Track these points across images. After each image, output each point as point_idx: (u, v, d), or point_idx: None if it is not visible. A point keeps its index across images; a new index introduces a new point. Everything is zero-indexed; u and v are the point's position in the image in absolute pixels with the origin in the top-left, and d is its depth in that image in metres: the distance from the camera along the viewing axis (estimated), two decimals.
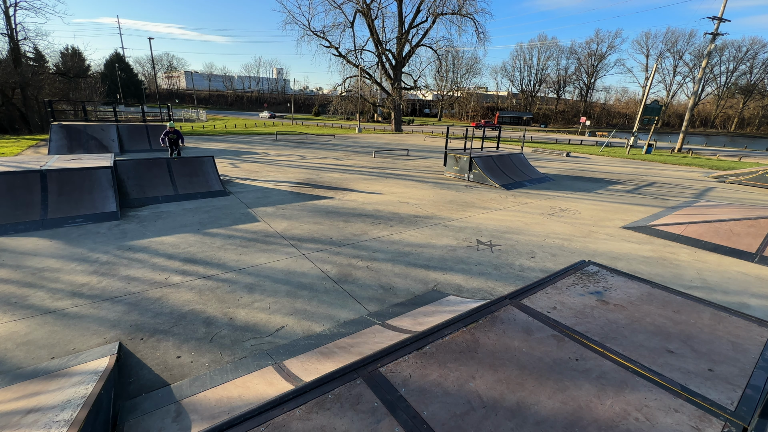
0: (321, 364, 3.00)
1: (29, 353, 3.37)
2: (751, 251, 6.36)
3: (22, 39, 28.70)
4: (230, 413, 2.46)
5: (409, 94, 61.11)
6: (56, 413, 2.16)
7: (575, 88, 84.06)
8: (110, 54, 67.92)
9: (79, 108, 24.82)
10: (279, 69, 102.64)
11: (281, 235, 6.59)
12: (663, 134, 61.40)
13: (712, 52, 28.78)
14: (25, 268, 4.99)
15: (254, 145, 21.09)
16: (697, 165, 20.94)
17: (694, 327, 2.33)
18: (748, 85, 71.07)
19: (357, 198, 9.60)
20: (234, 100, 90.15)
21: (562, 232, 7.45)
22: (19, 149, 16.68)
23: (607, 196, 11.22)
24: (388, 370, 1.88)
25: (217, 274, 5.05)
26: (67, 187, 7.29)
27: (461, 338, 2.16)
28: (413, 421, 1.56)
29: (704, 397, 1.70)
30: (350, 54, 40.70)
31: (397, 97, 40.48)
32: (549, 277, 3.04)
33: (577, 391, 1.74)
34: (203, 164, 9.85)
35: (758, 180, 14.39)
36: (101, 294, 4.41)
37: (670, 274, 5.62)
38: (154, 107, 42.50)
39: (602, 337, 2.20)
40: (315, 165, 14.81)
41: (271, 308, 4.26)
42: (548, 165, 17.76)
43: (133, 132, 17.13)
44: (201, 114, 46.88)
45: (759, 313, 4.47)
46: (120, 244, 5.93)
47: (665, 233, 7.47)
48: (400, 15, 38.59)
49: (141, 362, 3.32)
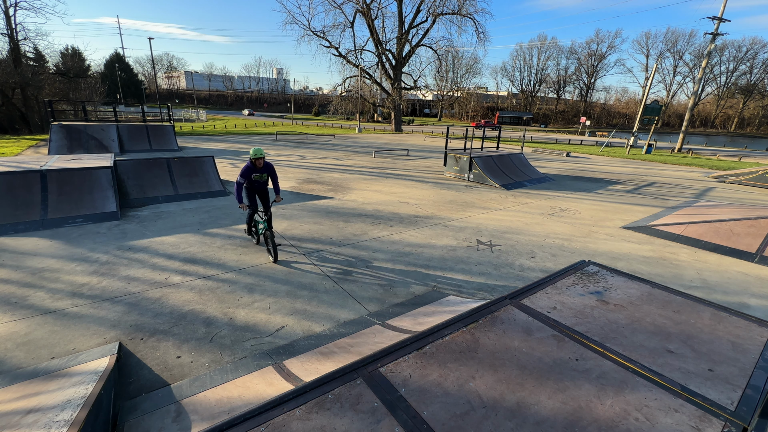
0: (321, 364, 2.99)
1: (29, 353, 3.37)
2: (751, 251, 6.36)
3: (22, 39, 28.71)
4: (230, 413, 2.46)
5: (409, 94, 61.08)
6: (56, 413, 2.16)
7: (575, 88, 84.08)
8: (110, 54, 67.95)
9: (79, 108, 24.82)
10: (279, 69, 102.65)
11: (281, 235, 6.59)
12: (663, 134, 61.39)
13: (712, 52, 28.78)
14: (25, 268, 4.99)
15: (254, 145, 21.09)
16: (697, 165, 20.94)
17: (694, 327, 2.33)
18: (748, 85, 71.05)
19: (357, 198, 9.60)
20: (234, 100, 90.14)
21: (562, 232, 7.44)
22: (19, 149, 16.68)
23: (607, 196, 11.22)
24: (388, 370, 1.88)
25: (217, 274, 5.05)
26: (67, 187, 7.29)
27: (461, 338, 2.16)
28: (413, 421, 1.56)
29: (704, 397, 1.70)
30: (350, 54, 40.72)
31: (397, 97, 40.47)
32: (549, 277, 3.04)
33: (577, 391, 1.74)
34: (203, 164, 9.84)
35: (758, 180, 14.38)
36: (101, 294, 4.41)
37: (670, 274, 5.62)
38: (154, 107, 42.50)
39: (602, 337, 2.20)
40: (315, 165, 14.81)
41: (271, 308, 4.26)
42: (548, 165, 17.76)
43: (133, 132, 17.12)
44: (201, 114, 46.89)
45: (759, 313, 4.47)
46: (120, 244, 5.92)
47: (665, 233, 7.46)
48: (400, 15, 38.59)
49: (141, 362, 3.32)
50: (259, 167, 5.37)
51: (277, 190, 5.76)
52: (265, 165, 5.45)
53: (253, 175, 5.44)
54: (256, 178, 5.48)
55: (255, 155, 5.25)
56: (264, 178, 5.61)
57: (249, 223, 5.90)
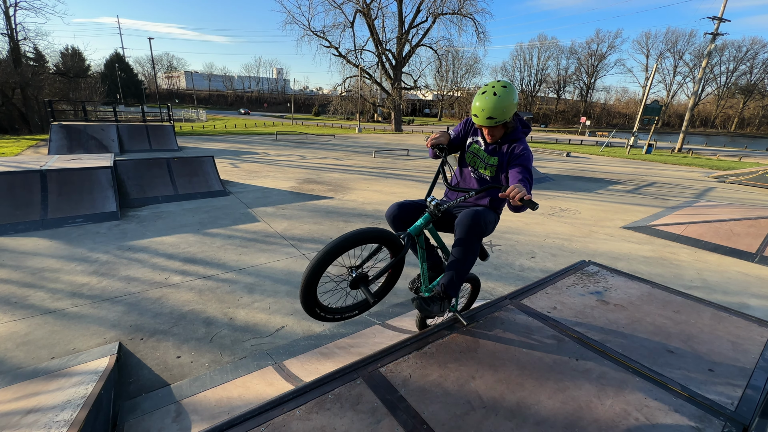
0: (321, 364, 2.99)
1: (29, 353, 3.36)
2: (752, 251, 6.36)
3: (22, 39, 28.73)
4: (230, 413, 2.46)
5: (409, 94, 61.10)
6: (56, 413, 2.16)
7: (575, 88, 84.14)
8: (110, 54, 68.02)
9: (79, 108, 24.82)
10: (279, 69, 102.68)
11: (281, 235, 6.59)
12: (663, 134, 61.39)
13: (712, 52, 28.77)
14: (25, 268, 4.99)
15: (254, 145, 21.09)
16: (698, 165, 20.93)
17: (694, 327, 2.33)
18: (748, 85, 71.08)
19: (357, 198, 9.60)
20: (234, 100, 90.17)
21: (563, 232, 7.44)
22: (19, 149, 16.68)
23: (608, 196, 11.22)
24: (388, 370, 1.88)
25: (217, 274, 5.05)
26: (67, 187, 7.29)
27: (461, 338, 2.16)
28: (413, 421, 1.56)
29: (704, 397, 1.70)
30: (350, 54, 40.75)
31: (397, 97, 40.49)
32: (549, 277, 3.04)
33: (577, 391, 1.74)
34: (203, 164, 9.84)
35: (758, 180, 14.38)
36: (101, 294, 4.40)
37: (671, 274, 5.62)
38: (154, 107, 42.50)
39: (602, 337, 2.20)
40: (315, 165, 14.80)
41: (271, 308, 4.26)
42: (548, 165, 17.75)
43: (133, 132, 17.11)
44: (201, 114, 46.91)
45: (759, 313, 4.47)
46: (120, 244, 5.92)
47: (665, 233, 7.46)
48: (400, 15, 38.61)
49: (141, 362, 3.31)
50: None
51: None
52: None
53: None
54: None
55: None
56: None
57: None
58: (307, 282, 1.76)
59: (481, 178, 2.31)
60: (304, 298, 1.81)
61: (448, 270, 2.12)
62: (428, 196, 2.03)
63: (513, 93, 2.00)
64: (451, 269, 2.10)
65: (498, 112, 1.98)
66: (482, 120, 2.03)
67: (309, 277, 1.76)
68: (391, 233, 1.90)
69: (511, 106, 1.99)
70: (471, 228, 2.01)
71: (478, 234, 2.04)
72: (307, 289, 1.78)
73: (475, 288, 2.75)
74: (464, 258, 2.07)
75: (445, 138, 2.22)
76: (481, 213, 2.04)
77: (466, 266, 2.10)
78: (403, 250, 1.96)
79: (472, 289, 2.76)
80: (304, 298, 1.81)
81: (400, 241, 1.93)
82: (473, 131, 2.34)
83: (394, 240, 1.91)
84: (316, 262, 1.74)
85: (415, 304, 2.05)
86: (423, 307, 2.04)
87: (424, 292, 2.29)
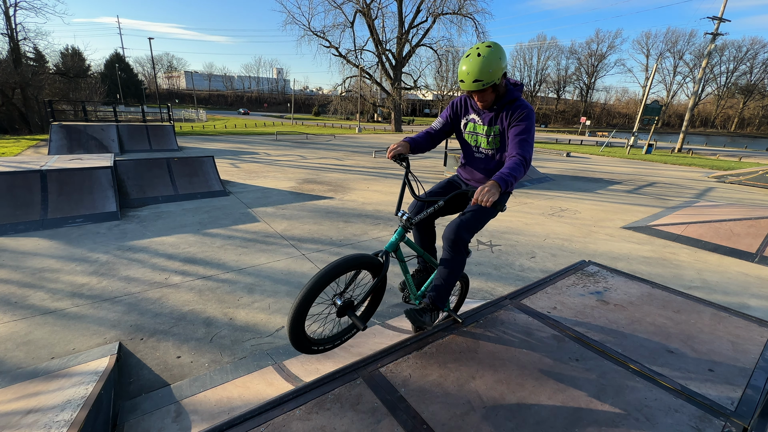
0: (321, 364, 2.99)
1: (29, 353, 3.36)
2: (752, 251, 6.36)
3: (22, 39, 28.73)
4: (230, 413, 2.46)
5: (409, 94, 61.10)
6: (56, 413, 2.16)
7: (575, 88, 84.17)
8: (110, 54, 68.01)
9: (79, 108, 24.83)
10: (279, 69, 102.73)
11: (281, 235, 6.59)
12: (663, 134, 61.40)
13: (712, 52, 28.77)
14: (25, 268, 4.99)
15: (254, 145, 21.09)
16: (698, 165, 20.94)
17: (694, 327, 2.33)
18: (748, 85, 71.09)
19: (357, 198, 9.60)
20: (234, 100, 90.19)
21: (562, 232, 7.44)
22: (19, 149, 16.68)
23: (608, 196, 11.22)
24: (388, 370, 1.88)
25: (217, 274, 5.05)
26: (67, 187, 7.29)
27: (461, 338, 2.16)
28: (413, 421, 1.56)
29: (704, 397, 1.70)
30: (350, 54, 40.73)
31: (397, 97, 40.49)
32: (549, 277, 3.04)
33: (577, 391, 1.74)
34: (203, 164, 9.84)
35: (758, 180, 14.38)
36: (101, 294, 4.40)
37: (671, 274, 5.62)
38: (154, 107, 42.50)
39: (602, 337, 2.20)
40: (315, 165, 14.80)
41: (271, 308, 4.26)
42: (548, 165, 17.75)
43: (133, 132, 17.12)
44: (201, 114, 46.92)
45: (759, 313, 4.47)
46: (120, 244, 5.92)
47: (665, 233, 7.46)
48: (400, 15, 38.59)
49: (141, 362, 3.32)
50: None
51: None
52: None
53: None
54: None
55: None
56: None
57: None
58: (293, 324, 1.72)
59: (486, 155, 2.22)
60: (295, 340, 1.77)
61: (436, 283, 2.16)
62: (398, 211, 2.00)
63: (499, 52, 1.89)
64: (438, 282, 2.15)
65: (484, 73, 1.86)
66: (468, 84, 1.91)
67: (294, 319, 1.71)
68: (368, 256, 1.87)
69: (498, 68, 1.89)
70: (453, 243, 2.05)
71: (462, 248, 2.08)
72: (295, 332, 1.74)
73: (464, 285, 2.81)
74: (450, 271, 2.12)
75: (405, 148, 2.13)
76: (465, 223, 2.05)
77: (452, 278, 2.16)
78: (383, 269, 1.94)
79: (461, 286, 2.81)
80: (295, 340, 1.77)
81: (378, 260, 1.92)
82: (464, 110, 2.23)
83: (371, 262, 1.90)
84: (297, 305, 1.69)
85: (408, 317, 2.08)
86: (416, 318, 2.08)
87: (414, 300, 2.35)
